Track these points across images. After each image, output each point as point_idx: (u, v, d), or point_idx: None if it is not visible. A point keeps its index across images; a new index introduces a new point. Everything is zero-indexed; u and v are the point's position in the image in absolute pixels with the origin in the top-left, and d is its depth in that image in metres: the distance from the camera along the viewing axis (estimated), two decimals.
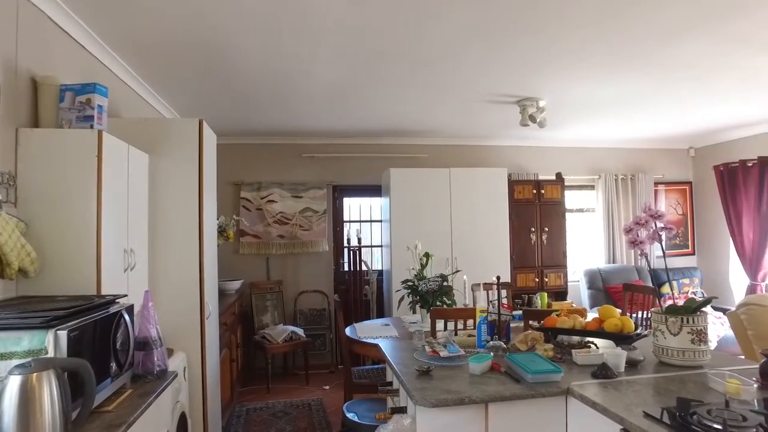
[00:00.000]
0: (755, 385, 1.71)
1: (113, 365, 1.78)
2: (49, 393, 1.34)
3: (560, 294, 5.69)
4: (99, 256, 2.04)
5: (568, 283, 5.82)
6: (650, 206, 2.41)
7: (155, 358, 2.00)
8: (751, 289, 5.63)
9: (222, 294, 4.38)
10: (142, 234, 2.62)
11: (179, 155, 2.82)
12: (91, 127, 2.15)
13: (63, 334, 1.50)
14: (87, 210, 2.04)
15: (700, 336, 2.12)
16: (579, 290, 6.06)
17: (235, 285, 4.79)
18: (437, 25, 2.72)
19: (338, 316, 3.81)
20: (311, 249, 5.68)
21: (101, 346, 1.73)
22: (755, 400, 1.62)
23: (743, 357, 3.03)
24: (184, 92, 3.84)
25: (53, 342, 1.49)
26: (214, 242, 3.35)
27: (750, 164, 5.70)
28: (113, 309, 1.86)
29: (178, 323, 2.77)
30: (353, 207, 6.10)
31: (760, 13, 2.71)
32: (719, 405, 1.49)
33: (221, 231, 4.52)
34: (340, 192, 5.93)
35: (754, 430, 1.35)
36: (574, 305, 4.50)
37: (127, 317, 1.92)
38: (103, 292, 2.04)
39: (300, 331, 5.14)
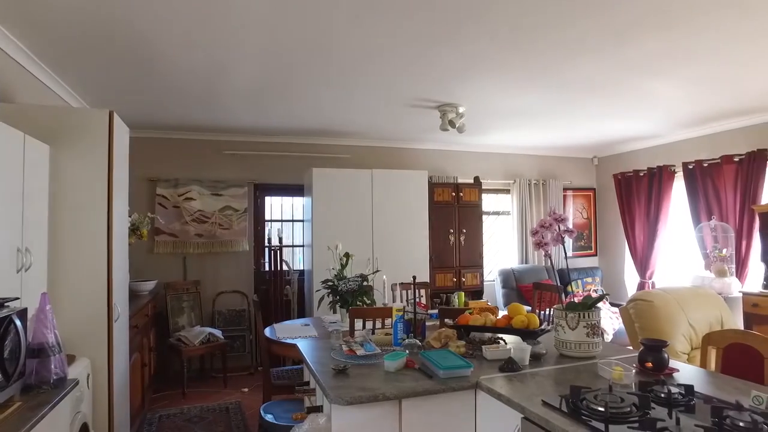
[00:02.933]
0: (634, 371, 1.91)
1: None
2: None
3: (476, 293, 5.96)
4: None
5: (484, 283, 6.11)
6: (554, 210, 2.61)
7: (52, 366, 1.86)
8: (641, 286, 6.22)
9: (134, 295, 4.16)
10: (40, 232, 2.44)
11: (86, 148, 2.65)
12: None
13: None
14: None
15: (594, 330, 2.32)
16: (494, 289, 6.38)
17: (149, 285, 4.56)
18: (359, 29, 2.76)
19: (257, 317, 3.75)
20: (231, 248, 5.54)
21: None
22: (633, 384, 1.82)
23: (631, 348, 3.35)
24: (94, 81, 3.60)
25: None
26: (125, 241, 3.18)
27: (641, 174, 6.30)
28: (1, 314, 1.70)
29: (83, 327, 2.61)
30: (275, 206, 6.01)
31: (648, 45, 3.03)
32: (604, 390, 1.65)
33: (134, 229, 4.29)
34: (261, 191, 5.82)
35: (628, 408, 1.52)
36: (489, 304, 4.73)
37: (18, 322, 1.75)
38: None
39: (218, 333, 4.99)
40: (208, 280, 5.48)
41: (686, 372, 2.11)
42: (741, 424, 1.38)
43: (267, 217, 5.93)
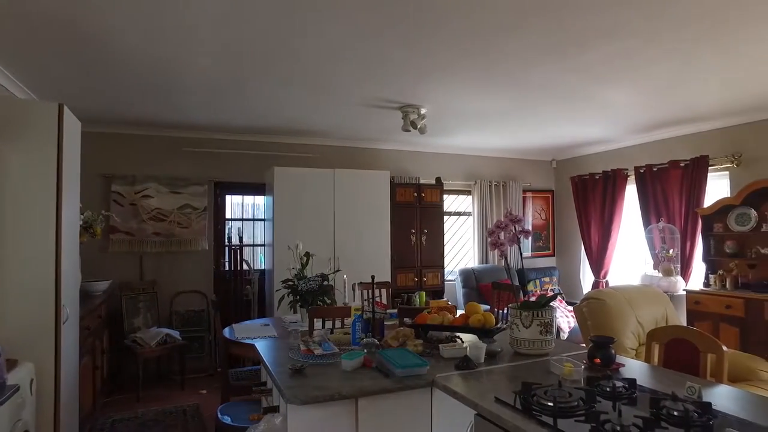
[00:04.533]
0: (583, 367, 1.98)
1: None
2: None
3: (437, 293, 6.03)
4: None
5: (445, 283, 6.20)
6: (511, 211, 2.68)
7: None
8: (596, 285, 6.44)
9: (86, 296, 4.02)
10: None
11: (33, 142, 2.55)
12: None
13: None
14: None
15: (547, 328, 2.39)
16: (455, 289, 6.48)
17: (102, 286, 4.41)
18: (320, 28, 2.76)
19: (216, 317, 3.69)
20: (190, 247, 5.42)
21: None
22: (582, 379, 1.89)
23: (584, 345, 3.47)
24: (44, 73, 3.46)
25: None
26: (76, 240, 3.08)
27: (597, 177, 6.53)
28: None
29: (28, 330, 2.50)
30: (236, 205, 5.92)
31: (599, 53, 3.15)
32: (554, 386, 1.71)
33: (87, 227, 4.14)
34: (222, 189, 5.72)
35: (576, 403, 1.58)
36: (449, 303, 4.80)
37: None
38: None
39: (176, 334, 4.88)
40: (166, 279, 5.35)
41: (631, 367, 2.21)
42: (675, 413, 1.46)
43: (227, 215, 5.83)
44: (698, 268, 5.28)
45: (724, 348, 2.25)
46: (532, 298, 3.25)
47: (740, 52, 3.21)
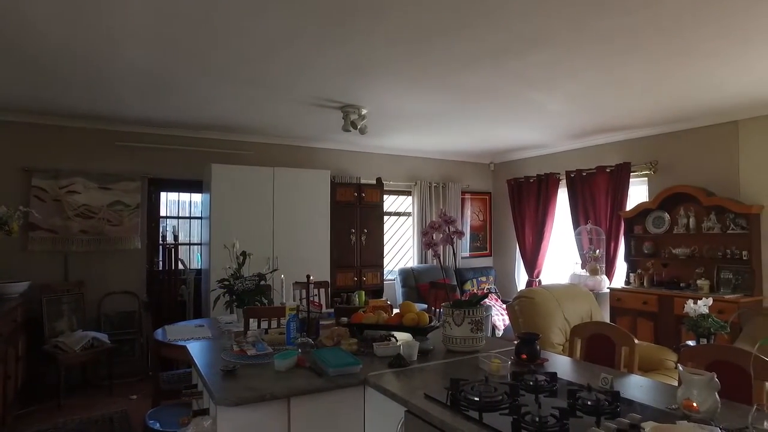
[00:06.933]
0: (509, 363, 2.08)
1: None
2: None
3: (377, 292, 6.09)
4: None
5: (385, 282, 6.26)
6: (445, 212, 2.75)
7: None
8: (529, 285, 6.73)
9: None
10: None
11: None
12: None
13: None
14: None
15: (478, 325, 2.48)
16: (394, 288, 6.56)
17: (19, 287, 4.13)
18: (257, 23, 2.73)
19: (146, 318, 3.55)
20: (121, 246, 5.18)
21: None
22: (508, 374, 1.98)
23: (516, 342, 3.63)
24: None
25: None
26: None
27: (531, 180, 6.82)
28: None
29: None
30: (171, 202, 5.71)
31: (522, 59, 3.29)
32: (481, 381, 1.78)
33: (1, 224, 3.87)
34: (156, 185, 5.50)
35: (500, 397, 1.66)
36: (388, 302, 4.87)
37: None
38: None
39: (104, 337, 4.64)
40: (94, 280, 5.07)
41: (555, 361, 2.33)
42: (589, 402, 1.57)
43: (162, 213, 5.61)
44: (621, 267, 5.64)
45: (636, 341, 2.42)
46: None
47: (659, 67, 3.47)
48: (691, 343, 3.87)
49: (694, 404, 1.48)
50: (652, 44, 3.06)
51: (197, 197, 5.75)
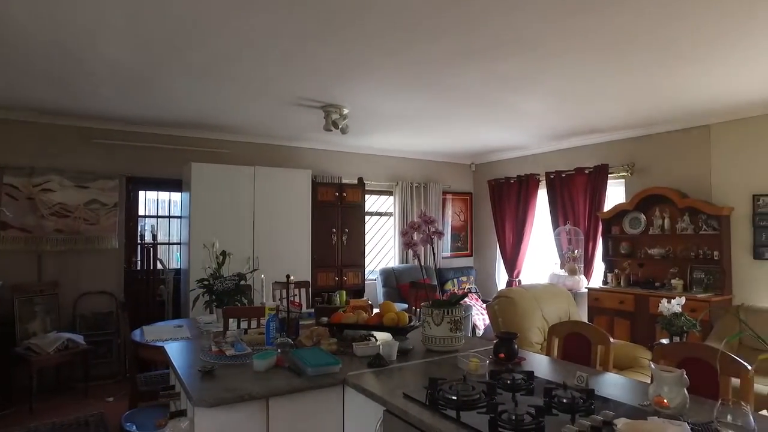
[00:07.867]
0: (487, 362, 2.10)
1: None
2: None
3: (358, 292, 6.09)
4: None
5: (366, 282, 6.27)
6: (425, 212, 2.77)
7: None
8: (509, 284, 6.79)
9: None
10: None
11: None
12: None
13: None
14: None
15: (457, 325, 2.50)
16: (376, 288, 6.57)
17: None
18: (238, 21, 2.71)
19: (123, 318, 3.50)
20: (98, 245, 5.09)
21: None
22: (486, 373, 2.00)
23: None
24: None
25: None
26: None
27: (512, 181, 6.89)
28: None
29: None
30: (150, 201, 5.63)
31: (503, 61, 3.33)
32: (459, 381, 1.80)
33: None
34: (135, 184, 5.41)
35: (478, 396, 1.68)
36: (369, 302, 4.88)
37: None
38: None
39: (79, 339, 4.55)
40: (70, 280, 4.97)
41: (533, 360, 2.36)
42: (564, 400, 1.60)
43: (141, 212, 5.53)
44: (599, 267, 5.74)
45: (612, 340, 2.47)
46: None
47: (635, 73, 3.55)
48: (665, 341, 3.95)
49: (665, 400, 1.53)
50: (628, 52, 3.13)
51: (176, 196, 5.68)
